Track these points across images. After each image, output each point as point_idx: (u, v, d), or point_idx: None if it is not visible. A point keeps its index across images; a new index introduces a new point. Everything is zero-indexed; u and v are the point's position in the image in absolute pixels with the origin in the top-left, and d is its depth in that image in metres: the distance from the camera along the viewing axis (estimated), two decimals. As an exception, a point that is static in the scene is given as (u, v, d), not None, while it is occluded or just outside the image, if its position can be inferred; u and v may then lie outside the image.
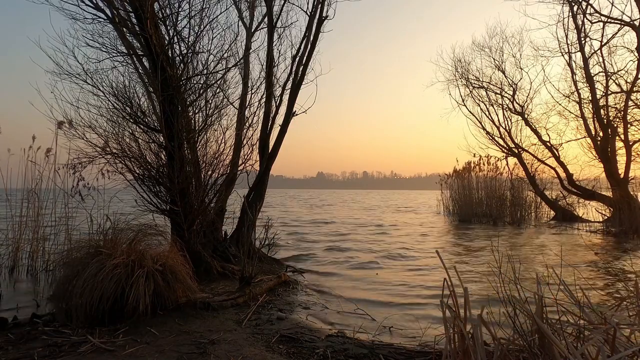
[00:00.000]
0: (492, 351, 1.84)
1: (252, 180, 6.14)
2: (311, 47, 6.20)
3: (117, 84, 4.68)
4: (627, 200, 10.93)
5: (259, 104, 6.08)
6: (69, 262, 3.53)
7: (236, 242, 5.68)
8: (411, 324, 3.70)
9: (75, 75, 4.56)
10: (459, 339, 1.85)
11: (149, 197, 4.75)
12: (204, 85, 5.01)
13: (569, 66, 13.11)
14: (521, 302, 1.96)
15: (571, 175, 13.73)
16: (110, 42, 4.83)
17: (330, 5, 6.27)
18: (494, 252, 5.43)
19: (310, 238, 9.96)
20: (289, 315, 3.80)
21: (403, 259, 7.07)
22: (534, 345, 1.83)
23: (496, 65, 15.17)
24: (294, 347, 2.98)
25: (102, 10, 4.66)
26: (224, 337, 3.06)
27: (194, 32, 4.89)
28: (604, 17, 11.92)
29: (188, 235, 4.78)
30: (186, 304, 3.62)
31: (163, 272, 3.49)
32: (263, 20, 6.55)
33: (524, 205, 14.37)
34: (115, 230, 3.76)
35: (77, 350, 2.73)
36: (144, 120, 4.73)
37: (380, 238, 10.09)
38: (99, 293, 3.15)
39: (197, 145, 5.05)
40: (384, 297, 4.66)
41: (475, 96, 15.69)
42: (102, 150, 4.72)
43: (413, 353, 2.82)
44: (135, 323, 3.21)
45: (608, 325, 1.70)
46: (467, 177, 15.36)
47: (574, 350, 1.60)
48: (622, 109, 11.97)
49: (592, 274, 5.63)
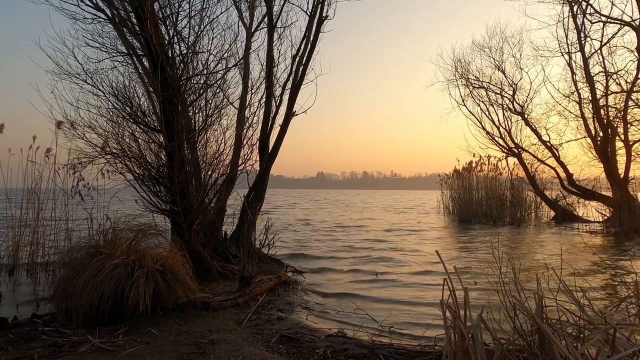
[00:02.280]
0: (492, 351, 1.84)
1: (252, 180, 6.14)
2: (311, 47, 6.20)
3: (117, 84, 4.69)
4: (627, 200, 10.93)
5: (259, 104, 6.08)
6: (69, 262, 3.53)
7: (236, 242, 5.68)
8: (411, 324, 3.70)
9: (75, 75, 4.57)
10: (459, 339, 1.85)
11: (149, 197, 4.75)
12: (204, 85, 5.01)
13: (569, 66, 13.11)
14: (521, 302, 1.96)
15: (571, 175, 13.72)
16: (110, 42, 4.84)
17: (330, 5, 6.27)
18: (494, 252, 5.42)
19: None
20: (289, 315, 3.80)
21: (403, 260, 7.06)
22: (534, 345, 1.83)
23: (496, 65, 15.18)
24: (294, 347, 2.98)
25: (102, 10, 4.66)
26: (224, 337, 3.06)
27: (194, 32, 4.90)
28: (604, 17, 11.93)
29: (188, 235, 4.78)
30: (186, 304, 3.62)
31: (163, 272, 3.49)
32: (263, 20, 6.55)
33: (524, 205, 14.36)
34: (115, 230, 3.76)
35: (77, 350, 2.73)
36: (144, 120, 4.73)
37: (380, 238, 10.09)
38: (99, 293, 3.15)
39: (197, 145, 5.05)
40: (384, 297, 4.66)
41: (475, 96, 15.70)
42: (102, 150, 4.72)
43: (413, 353, 2.82)
44: (135, 323, 3.21)
45: (608, 325, 1.70)
46: (468, 177, 15.36)
47: (574, 350, 1.60)
48: (622, 109, 11.97)
49: (592, 273, 5.63)
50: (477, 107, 15.66)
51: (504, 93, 15.12)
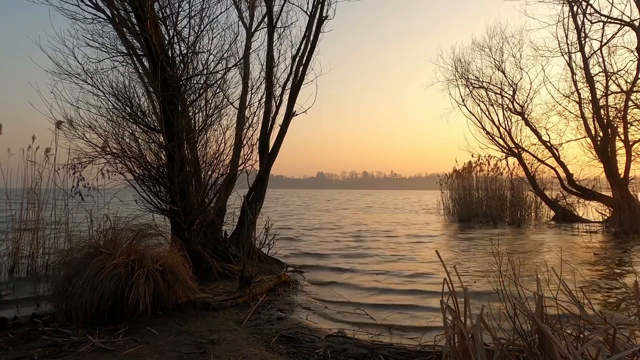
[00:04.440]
0: (492, 351, 1.84)
1: (252, 180, 6.14)
2: (311, 47, 6.20)
3: (117, 84, 4.69)
4: (627, 200, 10.93)
5: (259, 104, 6.08)
6: (69, 262, 3.53)
7: (236, 242, 5.68)
8: (411, 324, 3.70)
9: (75, 75, 4.56)
10: (459, 339, 1.85)
11: (149, 197, 4.75)
12: (204, 85, 5.01)
13: (569, 66, 13.10)
14: (521, 302, 1.96)
15: (571, 175, 13.72)
16: (110, 42, 4.84)
17: (330, 5, 6.27)
18: (494, 251, 5.43)
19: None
20: (289, 315, 3.80)
21: (403, 259, 7.06)
22: (534, 345, 1.83)
23: (496, 65, 15.17)
24: (294, 347, 2.98)
25: (102, 10, 4.66)
26: (224, 337, 3.06)
27: (194, 32, 4.90)
28: (604, 17, 11.93)
29: (188, 235, 4.78)
30: (186, 304, 3.62)
31: (163, 272, 3.49)
32: (263, 20, 6.55)
33: (524, 205, 14.35)
34: (115, 230, 3.76)
35: (77, 350, 2.73)
36: (144, 120, 4.73)
37: (380, 238, 10.09)
38: (99, 293, 3.15)
39: (197, 145, 5.05)
40: (383, 297, 4.66)
41: (475, 96, 15.69)
42: (102, 150, 4.72)
43: (413, 353, 2.83)
44: (135, 323, 3.21)
45: (608, 325, 1.70)
46: (467, 177, 15.36)
47: (574, 350, 1.60)
48: (622, 109, 11.96)
49: (592, 273, 5.62)
50: (477, 107, 15.67)
51: (504, 93, 15.13)
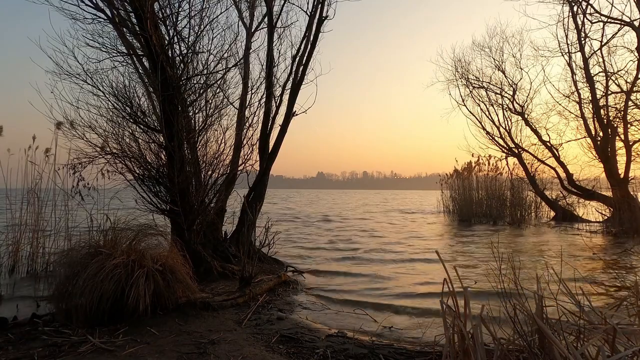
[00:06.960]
0: (492, 351, 1.84)
1: (252, 180, 6.13)
2: (311, 47, 6.20)
3: (117, 84, 4.68)
4: (627, 200, 10.92)
5: (259, 104, 6.08)
6: (69, 262, 3.53)
7: (236, 242, 5.68)
8: (411, 323, 3.70)
9: (75, 76, 4.56)
10: (459, 339, 1.85)
11: (149, 197, 4.75)
12: (204, 85, 5.01)
13: (569, 66, 13.09)
14: (521, 302, 1.96)
15: (571, 175, 13.71)
16: (110, 42, 4.83)
17: (330, 5, 6.27)
18: (494, 251, 5.43)
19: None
20: (289, 315, 3.80)
21: (403, 259, 7.06)
22: (534, 345, 1.83)
23: (496, 65, 15.16)
24: (294, 347, 2.98)
25: (102, 10, 4.66)
26: (224, 337, 3.06)
27: (194, 32, 4.89)
28: (604, 17, 11.91)
29: (188, 235, 4.77)
30: (186, 304, 3.62)
31: (163, 272, 3.49)
32: (263, 20, 6.55)
33: (524, 205, 14.35)
34: (115, 230, 3.76)
35: (77, 350, 2.73)
36: (144, 120, 4.72)
37: (379, 238, 10.08)
38: (99, 293, 3.15)
39: (197, 145, 5.05)
40: (384, 296, 4.66)
41: (475, 96, 15.69)
42: (102, 150, 4.72)
43: (413, 353, 2.83)
44: (135, 323, 3.21)
45: (608, 325, 1.70)
46: (467, 177, 15.36)
47: (574, 350, 1.60)
48: (622, 109, 11.95)
49: (592, 273, 5.62)
50: (477, 107, 15.68)
51: (504, 93, 15.13)
